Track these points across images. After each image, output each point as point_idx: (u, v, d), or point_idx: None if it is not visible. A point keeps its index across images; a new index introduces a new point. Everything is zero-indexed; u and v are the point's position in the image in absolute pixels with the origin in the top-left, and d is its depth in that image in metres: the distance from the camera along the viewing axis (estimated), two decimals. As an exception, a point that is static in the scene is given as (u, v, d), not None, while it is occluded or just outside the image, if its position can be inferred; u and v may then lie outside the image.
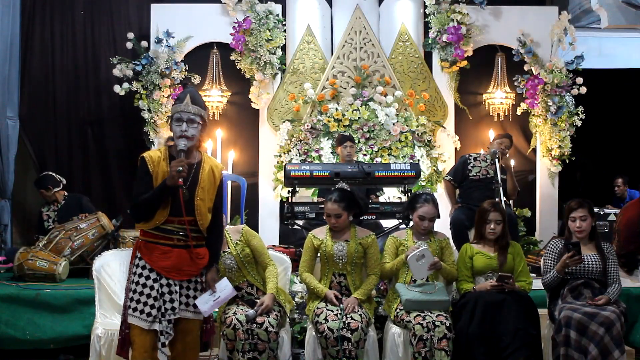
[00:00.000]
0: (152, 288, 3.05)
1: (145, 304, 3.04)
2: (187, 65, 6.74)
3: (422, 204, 4.09)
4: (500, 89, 6.91)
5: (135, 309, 3.05)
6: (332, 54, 6.78)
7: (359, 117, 6.42)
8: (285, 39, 6.81)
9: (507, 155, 5.83)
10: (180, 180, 2.99)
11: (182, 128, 3.08)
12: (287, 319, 4.01)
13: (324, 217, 4.07)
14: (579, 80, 6.74)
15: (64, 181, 6.03)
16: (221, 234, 3.40)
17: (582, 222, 4.00)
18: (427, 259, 3.89)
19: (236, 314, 3.66)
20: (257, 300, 3.79)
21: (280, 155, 6.51)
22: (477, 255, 4.07)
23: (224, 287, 3.29)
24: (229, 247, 3.88)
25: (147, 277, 3.07)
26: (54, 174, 6.00)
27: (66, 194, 6.04)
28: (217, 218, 3.28)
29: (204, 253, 3.20)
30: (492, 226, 4.06)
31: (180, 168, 2.97)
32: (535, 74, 6.78)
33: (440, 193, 6.23)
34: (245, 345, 3.59)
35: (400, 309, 3.91)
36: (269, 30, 6.67)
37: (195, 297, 3.16)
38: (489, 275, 4.02)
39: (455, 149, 6.84)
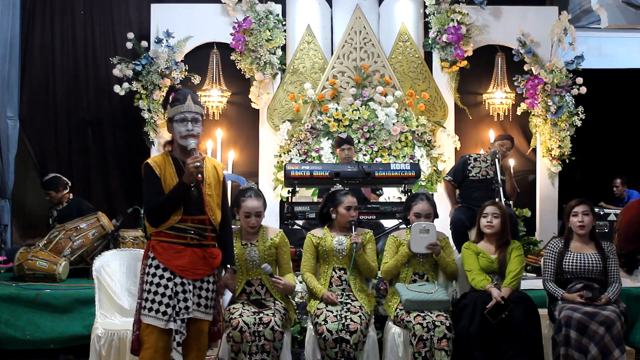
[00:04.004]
0: (166, 287, 3.05)
1: (160, 303, 3.04)
2: (187, 65, 6.74)
3: (417, 202, 4.11)
4: (500, 89, 6.91)
5: (150, 309, 3.04)
6: (332, 54, 6.78)
7: (359, 117, 6.42)
8: (285, 39, 6.81)
9: (507, 157, 5.84)
10: (199, 176, 3.03)
11: (188, 127, 3.10)
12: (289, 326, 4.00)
13: (342, 212, 4.03)
14: (579, 80, 6.74)
15: (70, 183, 6.03)
16: (231, 234, 3.42)
17: (584, 216, 4.00)
18: (429, 236, 3.92)
19: (242, 315, 3.64)
20: (264, 302, 3.80)
21: (280, 155, 6.52)
22: (478, 255, 4.06)
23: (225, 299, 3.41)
24: (258, 240, 3.88)
25: (161, 277, 3.07)
26: (61, 176, 5.99)
27: (71, 196, 6.03)
28: (225, 220, 3.31)
29: (217, 253, 3.21)
30: (488, 219, 4.06)
31: (198, 164, 3.00)
32: (535, 74, 6.78)
33: (440, 193, 6.24)
34: (252, 347, 3.58)
35: (400, 309, 3.91)
36: (269, 30, 6.68)
37: (207, 297, 3.16)
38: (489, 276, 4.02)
39: (455, 149, 6.84)
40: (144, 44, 6.64)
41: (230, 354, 3.64)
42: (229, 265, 3.33)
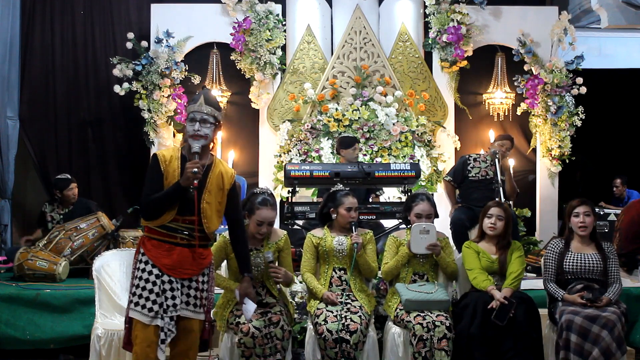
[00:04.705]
0: (154, 284, 3.08)
1: (147, 299, 3.06)
2: (187, 65, 6.74)
3: (417, 202, 4.10)
4: (500, 89, 6.91)
5: (137, 304, 3.07)
6: (332, 54, 6.78)
7: (359, 117, 6.42)
8: (285, 39, 6.81)
9: (507, 157, 5.84)
10: (195, 182, 3.04)
11: (195, 127, 3.12)
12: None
13: (342, 213, 4.02)
14: (579, 80, 6.74)
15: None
16: (246, 243, 3.44)
17: (585, 217, 4.00)
18: (430, 236, 3.93)
19: (251, 320, 3.59)
20: (264, 301, 3.79)
21: (280, 155, 6.51)
22: (479, 255, 4.06)
23: (249, 308, 3.39)
24: (263, 245, 3.87)
25: (150, 273, 3.10)
26: (65, 175, 5.98)
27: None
28: (239, 228, 3.35)
29: (206, 253, 3.24)
30: (492, 220, 4.05)
31: (196, 170, 3.02)
32: (535, 74, 6.78)
33: (440, 193, 6.24)
34: (265, 349, 3.57)
35: (400, 309, 3.91)
36: (269, 30, 6.68)
37: (196, 297, 3.18)
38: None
39: (455, 149, 6.84)
40: (144, 44, 6.64)
41: (226, 353, 3.64)
42: (245, 274, 3.36)
